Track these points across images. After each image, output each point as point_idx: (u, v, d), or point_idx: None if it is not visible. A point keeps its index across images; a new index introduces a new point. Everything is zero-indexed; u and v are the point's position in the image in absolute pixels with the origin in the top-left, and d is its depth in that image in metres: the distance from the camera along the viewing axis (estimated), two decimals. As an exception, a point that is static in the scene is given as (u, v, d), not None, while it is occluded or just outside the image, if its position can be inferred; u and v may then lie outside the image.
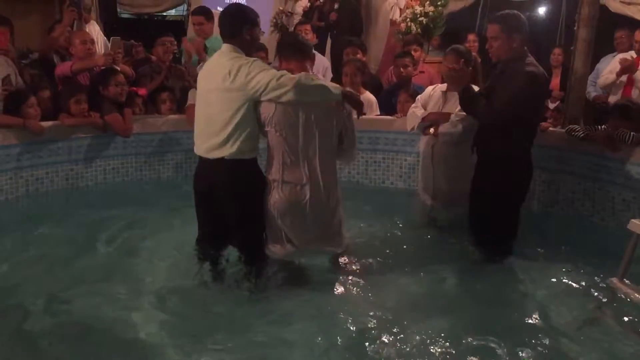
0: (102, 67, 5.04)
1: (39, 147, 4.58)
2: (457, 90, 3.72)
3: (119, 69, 5.18)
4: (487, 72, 4.23)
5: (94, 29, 8.68)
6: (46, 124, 4.56)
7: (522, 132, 3.60)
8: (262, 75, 2.99)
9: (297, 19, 8.27)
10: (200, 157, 3.28)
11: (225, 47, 3.16)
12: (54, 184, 4.72)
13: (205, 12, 5.97)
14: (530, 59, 3.55)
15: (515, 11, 3.68)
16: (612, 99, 5.59)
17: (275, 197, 3.19)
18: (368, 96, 5.36)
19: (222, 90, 3.06)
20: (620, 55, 5.64)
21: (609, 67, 5.70)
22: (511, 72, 3.52)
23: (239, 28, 3.12)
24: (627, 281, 3.38)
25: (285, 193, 3.18)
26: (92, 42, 5.16)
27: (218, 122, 3.10)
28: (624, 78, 5.54)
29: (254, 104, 3.08)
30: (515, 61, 3.54)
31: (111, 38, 5.35)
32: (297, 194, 3.17)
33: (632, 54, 5.62)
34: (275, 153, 3.19)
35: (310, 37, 6.20)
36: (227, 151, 3.10)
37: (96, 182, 4.94)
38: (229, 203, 3.22)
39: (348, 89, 3.48)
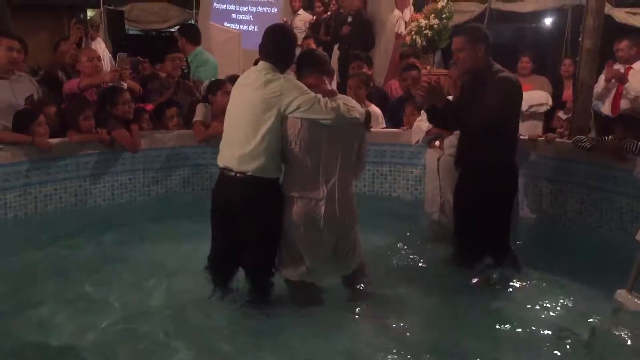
0: (109, 84, 5.09)
1: (47, 164, 4.61)
2: (439, 104, 3.63)
3: (125, 85, 5.23)
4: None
5: (100, 46, 8.85)
6: (54, 141, 4.59)
7: (503, 139, 3.58)
8: (305, 96, 3.03)
9: (297, 33, 8.32)
10: (222, 172, 3.23)
11: (262, 64, 3.16)
12: (62, 200, 4.74)
13: (178, 30, 6.09)
14: (498, 66, 3.59)
15: (478, 24, 3.71)
16: (605, 108, 5.56)
17: (291, 212, 3.15)
18: (374, 109, 5.37)
19: (257, 96, 3.06)
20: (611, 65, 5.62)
21: (600, 79, 5.66)
22: (483, 80, 3.53)
23: (292, 54, 3.26)
24: (635, 293, 3.35)
25: (300, 207, 3.13)
26: (99, 59, 5.21)
27: (247, 131, 3.08)
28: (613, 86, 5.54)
29: (281, 119, 3.07)
30: (484, 70, 3.57)
31: (117, 54, 5.40)
32: (313, 209, 3.12)
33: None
34: (296, 169, 3.15)
35: None
36: (252, 165, 3.07)
37: (104, 198, 4.96)
38: (246, 221, 3.17)
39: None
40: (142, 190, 5.15)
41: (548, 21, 10.50)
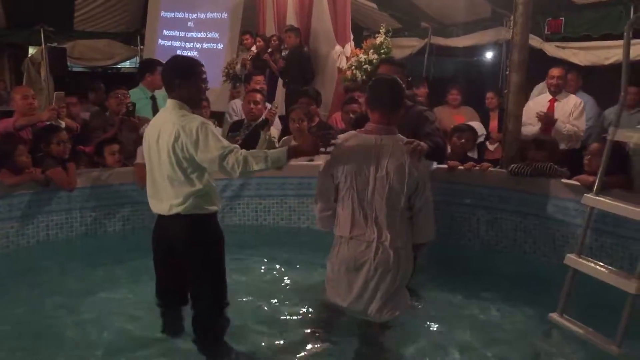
0: (46, 122, 4.97)
1: (-23, 206, 4.46)
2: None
3: (63, 123, 5.13)
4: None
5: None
6: (-16, 182, 4.45)
7: None
8: (208, 153, 2.89)
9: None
10: (158, 214, 3.17)
11: (169, 102, 3.06)
12: (-7, 242, 4.57)
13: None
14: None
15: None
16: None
17: (341, 253, 3.13)
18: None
19: (172, 151, 2.95)
20: (531, 104, 5.65)
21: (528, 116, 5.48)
22: None
23: (172, 83, 3.04)
24: (565, 315, 3.45)
25: (351, 249, 3.09)
26: (34, 97, 5.09)
27: (172, 183, 3.00)
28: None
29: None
30: None
31: (55, 93, 5.29)
32: (363, 252, 3.06)
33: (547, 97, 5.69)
34: (345, 206, 3.11)
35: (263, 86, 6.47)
36: (183, 208, 3.01)
37: (38, 239, 4.78)
38: (187, 258, 3.11)
39: (294, 143, 3.39)
40: (79, 230, 4.99)
41: (487, 55, 10.93)
